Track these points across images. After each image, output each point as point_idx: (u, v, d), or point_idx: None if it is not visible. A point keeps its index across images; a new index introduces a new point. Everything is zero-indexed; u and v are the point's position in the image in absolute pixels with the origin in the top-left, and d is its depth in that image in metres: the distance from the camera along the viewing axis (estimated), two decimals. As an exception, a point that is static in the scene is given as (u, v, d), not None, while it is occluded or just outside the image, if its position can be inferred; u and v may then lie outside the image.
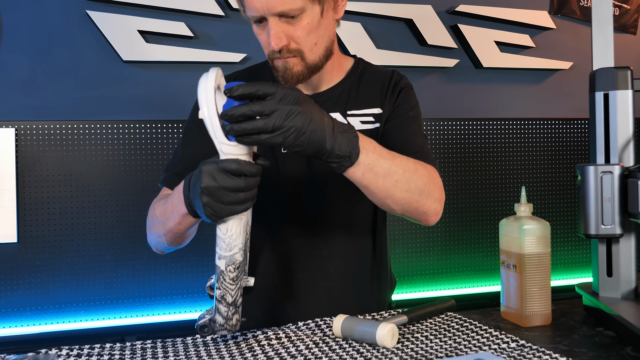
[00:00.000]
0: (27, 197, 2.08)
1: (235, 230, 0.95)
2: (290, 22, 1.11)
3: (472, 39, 2.60)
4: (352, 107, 1.26)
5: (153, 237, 1.19)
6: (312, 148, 0.91)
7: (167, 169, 1.26)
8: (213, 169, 0.89)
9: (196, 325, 0.99)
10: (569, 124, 2.69)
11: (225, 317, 0.97)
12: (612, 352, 0.98)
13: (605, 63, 1.20)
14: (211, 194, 0.89)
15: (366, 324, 1.01)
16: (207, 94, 0.90)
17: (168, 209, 1.07)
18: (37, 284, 2.09)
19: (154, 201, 1.21)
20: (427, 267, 2.50)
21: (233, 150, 0.90)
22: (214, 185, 0.88)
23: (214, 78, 0.92)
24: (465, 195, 2.56)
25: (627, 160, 1.14)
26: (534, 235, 1.11)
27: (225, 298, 0.96)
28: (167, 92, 2.27)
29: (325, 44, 1.18)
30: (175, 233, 1.11)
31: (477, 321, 1.13)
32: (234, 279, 0.96)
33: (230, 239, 0.94)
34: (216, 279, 0.97)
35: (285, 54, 1.13)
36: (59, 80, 2.19)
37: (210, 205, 0.89)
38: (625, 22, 2.86)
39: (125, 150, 2.17)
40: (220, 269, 0.96)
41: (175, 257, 2.20)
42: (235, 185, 0.89)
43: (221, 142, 0.90)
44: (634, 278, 1.15)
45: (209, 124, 0.90)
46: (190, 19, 2.30)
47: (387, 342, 0.98)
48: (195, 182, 0.92)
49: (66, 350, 0.98)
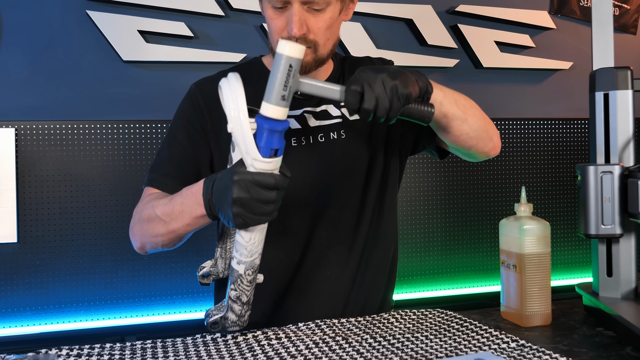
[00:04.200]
0: (27, 197, 2.08)
1: (258, 238, 0.97)
2: (314, 13, 1.13)
3: (472, 39, 2.60)
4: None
5: (145, 237, 1.16)
6: None
7: (153, 169, 1.24)
8: (247, 182, 0.90)
9: (206, 322, 1.01)
10: (569, 124, 2.69)
11: (239, 315, 1.01)
12: (612, 352, 0.98)
13: (605, 63, 1.20)
14: (244, 205, 0.90)
15: None
16: (239, 110, 0.90)
17: (176, 209, 1.06)
18: (37, 284, 2.09)
19: (145, 201, 1.19)
20: (427, 267, 2.50)
21: (267, 166, 0.91)
22: (247, 197, 0.90)
23: (242, 89, 0.91)
24: (465, 195, 2.56)
25: (627, 160, 1.14)
26: (534, 235, 1.11)
27: (240, 298, 1.00)
28: (167, 92, 2.27)
29: (335, 41, 1.22)
30: (178, 234, 1.10)
31: (477, 321, 1.13)
32: (251, 281, 1.00)
33: (252, 246, 0.97)
34: (231, 280, 1.00)
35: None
36: (59, 80, 2.19)
37: (242, 216, 0.91)
38: (625, 22, 2.86)
39: (125, 150, 2.17)
40: (239, 272, 0.98)
41: (175, 257, 2.20)
42: (269, 198, 0.91)
43: (254, 159, 0.90)
44: (634, 278, 1.15)
45: (240, 140, 0.90)
46: (190, 19, 2.30)
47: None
48: (226, 190, 0.92)
49: (66, 350, 0.98)
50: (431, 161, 2.50)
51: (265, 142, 0.90)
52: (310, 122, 1.23)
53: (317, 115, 1.24)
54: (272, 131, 0.90)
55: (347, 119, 1.25)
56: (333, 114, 1.25)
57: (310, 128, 1.23)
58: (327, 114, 1.25)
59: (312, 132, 1.23)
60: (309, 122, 1.23)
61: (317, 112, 1.24)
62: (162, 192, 1.20)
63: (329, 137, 1.24)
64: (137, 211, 1.19)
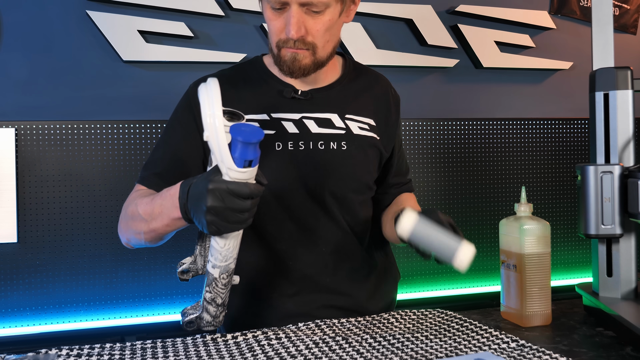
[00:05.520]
0: (27, 197, 2.08)
1: (233, 244, 0.97)
2: (313, 15, 1.13)
3: (472, 39, 2.60)
4: (350, 112, 1.27)
5: (129, 233, 1.17)
6: None
7: (146, 166, 1.25)
8: (222, 191, 0.88)
9: (182, 321, 1.03)
10: (569, 124, 2.69)
11: (213, 316, 1.02)
12: (612, 352, 0.98)
13: (605, 63, 1.20)
14: (217, 214, 0.89)
15: (446, 235, 0.96)
16: (215, 118, 0.88)
17: (156, 210, 1.06)
18: (37, 284, 2.09)
19: (132, 197, 1.19)
20: (427, 267, 2.50)
21: (241, 175, 0.89)
22: (221, 206, 0.89)
23: (219, 96, 0.89)
24: (465, 195, 2.55)
25: (627, 160, 1.14)
26: (534, 235, 1.11)
27: (215, 300, 1.01)
28: (167, 92, 2.26)
29: (334, 43, 1.21)
30: (159, 233, 1.10)
31: (477, 321, 1.13)
32: (226, 285, 1.00)
33: (227, 251, 0.97)
34: (207, 283, 1.00)
35: (298, 45, 1.15)
36: (59, 80, 2.19)
37: (215, 224, 0.90)
38: (625, 22, 2.86)
39: (125, 150, 2.17)
40: (214, 276, 0.99)
41: (175, 257, 2.20)
42: (243, 207, 0.90)
43: (229, 168, 0.88)
44: (634, 278, 1.15)
45: (215, 148, 0.88)
46: (190, 19, 2.30)
47: (464, 263, 0.92)
48: (200, 198, 0.91)
49: (66, 350, 0.98)
50: (431, 161, 2.50)
51: (240, 154, 0.88)
52: (311, 128, 1.23)
53: (319, 122, 1.24)
54: (246, 144, 0.87)
55: (351, 132, 1.25)
56: (337, 124, 1.25)
57: (311, 134, 1.23)
58: (330, 122, 1.25)
59: (311, 138, 1.23)
60: (310, 128, 1.23)
61: (319, 119, 1.24)
62: (148, 190, 1.20)
63: (329, 146, 1.23)
64: (124, 206, 1.21)
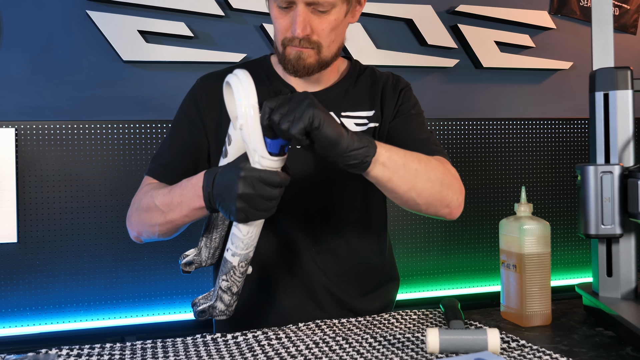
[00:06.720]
0: (27, 197, 2.08)
1: (255, 232, 0.98)
2: (318, 14, 1.14)
3: (472, 39, 2.60)
4: (346, 109, 1.27)
5: (141, 226, 1.17)
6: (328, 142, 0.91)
7: (154, 159, 1.26)
8: (254, 178, 0.90)
9: (194, 311, 1.04)
10: (569, 124, 2.69)
11: (227, 304, 1.02)
12: (612, 352, 0.98)
13: (605, 63, 1.20)
14: (248, 200, 0.91)
15: (470, 333, 0.96)
16: (249, 107, 0.89)
17: (175, 200, 1.07)
18: (37, 284, 2.09)
19: (144, 190, 1.19)
20: (427, 267, 2.50)
21: (273, 164, 0.91)
22: (253, 193, 0.91)
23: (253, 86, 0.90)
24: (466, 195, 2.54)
25: (627, 160, 1.14)
26: (534, 235, 1.11)
27: (231, 289, 1.01)
28: (167, 92, 2.27)
29: (339, 43, 1.21)
30: (176, 224, 1.11)
31: (477, 321, 1.13)
32: (243, 273, 1.01)
33: (249, 239, 0.98)
34: (224, 271, 1.01)
35: (303, 44, 1.15)
36: (59, 80, 2.19)
37: (244, 211, 0.92)
38: (625, 22, 2.86)
39: (125, 150, 2.17)
40: (233, 264, 1.00)
41: (175, 257, 2.20)
42: (272, 195, 0.92)
43: (262, 156, 0.90)
44: (634, 278, 1.15)
45: (247, 137, 0.90)
46: (190, 19, 2.30)
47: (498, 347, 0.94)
48: (231, 185, 0.92)
49: (66, 350, 0.98)
50: (431, 161, 2.50)
51: (274, 141, 0.90)
52: None
53: None
54: None
55: None
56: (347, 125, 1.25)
57: None
58: None
59: None
60: None
61: None
62: (160, 183, 1.21)
63: None
64: (135, 200, 1.20)
